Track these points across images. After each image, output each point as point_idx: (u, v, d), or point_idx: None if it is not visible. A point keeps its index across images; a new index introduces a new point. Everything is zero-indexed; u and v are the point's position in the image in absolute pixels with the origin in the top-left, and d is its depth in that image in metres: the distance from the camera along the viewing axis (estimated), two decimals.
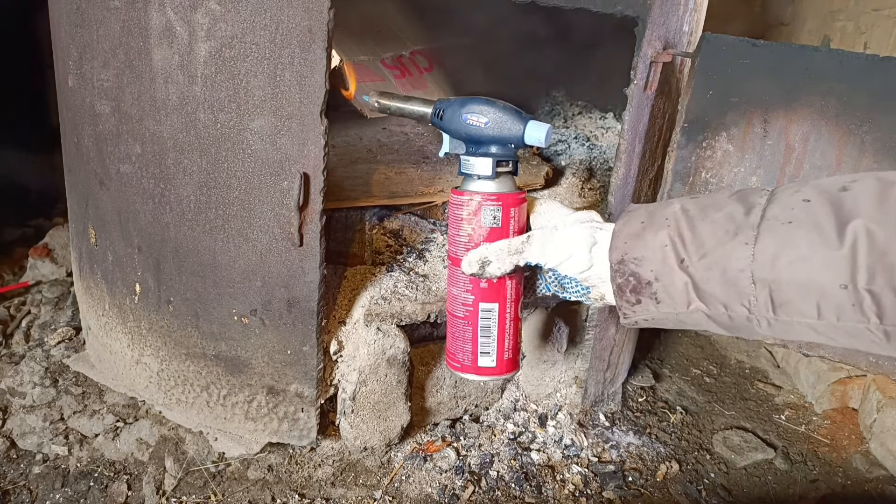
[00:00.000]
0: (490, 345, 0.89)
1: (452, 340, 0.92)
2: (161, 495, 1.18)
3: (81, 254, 1.30)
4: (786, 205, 0.63)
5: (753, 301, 0.63)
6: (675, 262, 0.68)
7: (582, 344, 1.41)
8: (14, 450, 1.26)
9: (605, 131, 1.80)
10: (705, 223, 0.67)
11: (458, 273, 0.88)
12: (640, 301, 0.72)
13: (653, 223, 0.71)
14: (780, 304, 0.62)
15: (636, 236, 0.71)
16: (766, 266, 0.62)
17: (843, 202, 0.59)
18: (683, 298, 0.68)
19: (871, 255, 0.56)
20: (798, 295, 0.61)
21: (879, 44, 1.70)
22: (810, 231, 0.60)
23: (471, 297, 0.88)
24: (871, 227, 0.57)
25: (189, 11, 0.94)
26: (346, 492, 1.21)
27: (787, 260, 0.60)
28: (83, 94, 1.10)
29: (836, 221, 0.59)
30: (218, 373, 1.18)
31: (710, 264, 0.65)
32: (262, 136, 0.99)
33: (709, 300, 0.67)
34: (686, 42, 1.24)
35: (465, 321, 0.89)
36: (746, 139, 1.05)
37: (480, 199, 0.85)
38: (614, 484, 1.30)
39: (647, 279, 0.70)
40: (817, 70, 1.00)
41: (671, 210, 0.71)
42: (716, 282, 0.65)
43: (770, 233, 0.62)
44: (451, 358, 0.94)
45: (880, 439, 1.49)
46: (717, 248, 0.65)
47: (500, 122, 0.85)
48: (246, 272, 1.08)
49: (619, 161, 1.18)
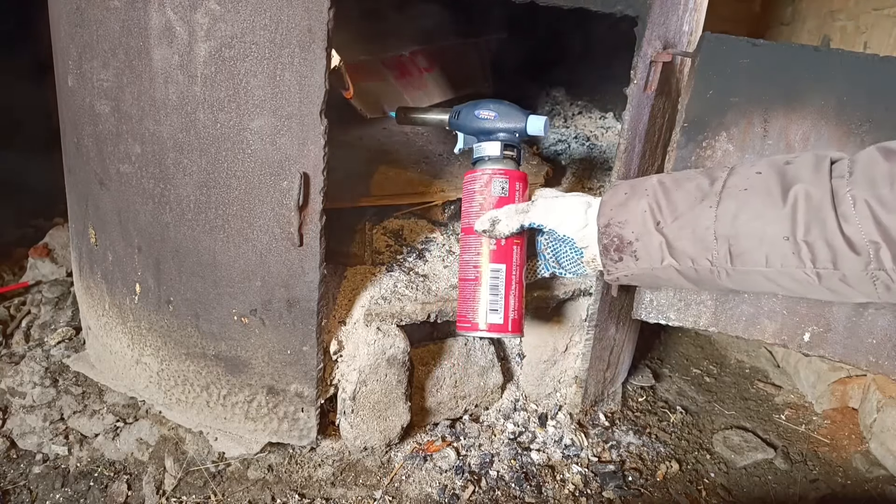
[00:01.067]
0: (498, 302, 1.00)
1: (463, 304, 1.04)
2: (161, 495, 1.18)
3: (81, 254, 1.30)
4: (743, 176, 0.77)
5: (716, 254, 0.77)
6: (653, 224, 0.81)
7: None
8: (14, 450, 1.26)
9: (605, 131, 1.80)
10: (678, 192, 0.81)
11: (470, 240, 1.03)
12: (622, 259, 0.86)
13: (635, 193, 0.85)
14: (737, 255, 0.75)
15: (621, 205, 0.85)
16: (727, 224, 0.75)
17: (786, 172, 0.74)
18: (658, 255, 0.82)
19: (808, 212, 0.69)
20: (751, 246, 0.74)
21: (879, 43, 1.69)
22: (761, 195, 0.73)
23: (481, 260, 1.01)
24: (809, 189, 0.70)
25: (189, 11, 0.94)
26: (346, 492, 1.21)
27: (744, 218, 0.74)
28: (83, 94, 1.10)
29: (781, 187, 0.72)
30: (218, 373, 1.18)
31: (681, 225, 0.79)
32: (261, 136, 0.99)
33: (679, 256, 0.80)
34: (686, 42, 1.24)
35: (475, 282, 1.02)
36: (746, 139, 1.05)
37: (491, 173, 1.03)
38: (614, 484, 1.30)
39: (629, 239, 0.84)
40: (817, 70, 1.00)
41: (650, 182, 0.84)
42: (686, 239, 0.78)
43: (729, 198, 0.76)
44: (462, 321, 1.04)
45: (880, 439, 1.49)
46: (687, 211, 0.78)
47: (506, 115, 1.05)
48: (246, 272, 1.08)
49: (619, 161, 1.18)
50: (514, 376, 1.45)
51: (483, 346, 1.35)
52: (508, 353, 1.44)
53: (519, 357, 1.43)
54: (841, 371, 1.63)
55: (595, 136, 1.78)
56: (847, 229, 0.67)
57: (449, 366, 1.32)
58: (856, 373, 1.62)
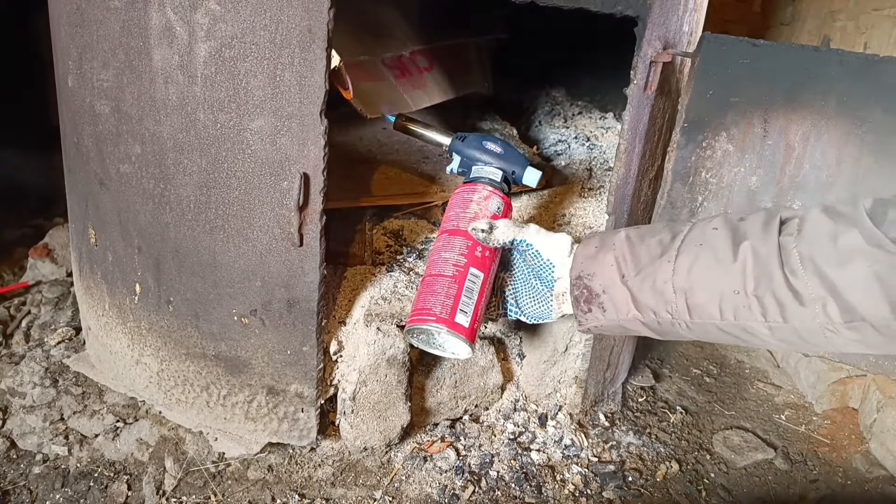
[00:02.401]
0: (469, 306, 0.99)
1: (431, 296, 1.00)
2: (161, 495, 1.18)
3: (81, 254, 1.30)
4: (700, 231, 0.80)
5: (674, 307, 0.80)
6: (619, 277, 0.85)
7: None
8: (14, 450, 1.26)
9: (605, 131, 1.80)
10: (642, 247, 0.84)
11: (456, 240, 1.03)
12: (591, 310, 0.89)
13: (604, 246, 0.88)
14: (694, 307, 0.78)
15: (591, 257, 0.89)
16: (683, 277, 0.78)
17: (738, 228, 0.77)
18: (624, 308, 0.85)
19: (755, 267, 0.73)
20: (706, 299, 0.77)
21: (879, 44, 1.69)
22: (715, 250, 0.77)
23: (463, 261, 1.01)
24: (756, 245, 0.74)
25: (189, 11, 0.94)
26: (346, 492, 1.21)
27: (698, 271, 0.77)
28: (83, 94, 1.10)
29: (733, 242, 0.76)
30: (218, 373, 1.18)
31: (643, 278, 0.82)
32: (261, 137, 0.99)
33: (642, 308, 0.83)
34: (686, 42, 1.24)
35: (452, 279, 0.99)
36: (746, 139, 1.05)
37: (492, 191, 1.09)
38: (614, 484, 1.30)
39: (597, 291, 0.87)
40: (817, 70, 1.00)
41: (618, 237, 0.88)
42: (647, 292, 0.82)
43: (686, 252, 0.79)
44: (424, 312, 0.99)
45: (880, 439, 1.49)
46: (649, 265, 0.82)
47: (510, 156, 1.15)
48: (246, 272, 1.08)
49: (619, 161, 1.18)
50: (514, 376, 1.44)
51: (483, 347, 1.35)
52: (508, 354, 1.44)
53: (519, 357, 1.43)
54: (841, 371, 1.63)
55: (595, 136, 1.78)
56: (795, 283, 0.70)
57: (449, 366, 1.32)
58: (856, 373, 1.62)
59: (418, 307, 1.01)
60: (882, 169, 1.02)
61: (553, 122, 1.91)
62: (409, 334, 1.04)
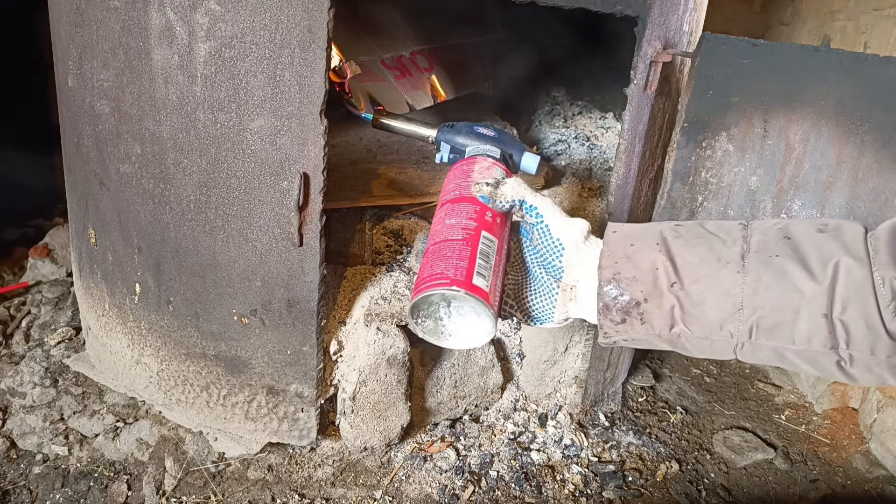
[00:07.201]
0: (487, 269, 0.80)
1: (440, 261, 0.81)
2: (161, 495, 1.18)
3: (81, 254, 1.30)
4: (767, 238, 0.70)
5: (739, 325, 0.68)
6: (666, 285, 0.71)
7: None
8: (14, 450, 1.26)
9: (605, 131, 1.80)
10: (696, 250, 0.72)
11: (459, 206, 0.86)
12: (626, 321, 0.74)
13: (642, 245, 0.74)
14: (766, 328, 0.67)
15: (626, 258, 0.74)
16: (758, 292, 0.67)
17: (822, 242, 0.67)
18: (667, 320, 0.72)
19: (847, 288, 0.63)
20: (784, 320, 0.66)
21: (879, 44, 1.70)
22: (797, 265, 0.66)
23: (473, 224, 0.84)
24: (851, 264, 0.64)
25: (189, 11, 0.94)
26: (346, 492, 1.21)
27: (777, 290, 0.66)
28: (83, 94, 1.10)
29: (819, 258, 0.66)
30: (218, 373, 1.18)
31: (702, 289, 0.69)
32: (261, 136, 0.99)
33: (692, 323, 0.70)
34: (686, 42, 1.24)
35: (463, 242, 0.82)
36: (746, 139, 1.05)
37: (493, 162, 0.97)
38: (614, 484, 1.30)
39: (637, 300, 0.73)
40: (817, 70, 1.00)
41: (660, 235, 0.75)
42: (707, 305, 0.69)
43: (760, 264, 0.68)
44: (434, 277, 0.79)
45: (880, 439, 1.49)
46: (711, 274, 0.70)
47: (505, 140, 1.05)
48: (246, 272, 1.08)
49: (619, 161, 1.18)
50: (514, 376, 1.45)
51: (483, 346, 1.35)
52: (508, 354, 1.44)
53: (519, 357, 1.43)
54: None
55: (595, 136, 1.78)
56: (884, 313, 0.62)
57: (449, 366, 1.32)
58: None
59: (425, 275, 0.81)
60: (882, 169, 1.02)
61: (553, 122, 1.91)
62: (415, 315, 0.81)
